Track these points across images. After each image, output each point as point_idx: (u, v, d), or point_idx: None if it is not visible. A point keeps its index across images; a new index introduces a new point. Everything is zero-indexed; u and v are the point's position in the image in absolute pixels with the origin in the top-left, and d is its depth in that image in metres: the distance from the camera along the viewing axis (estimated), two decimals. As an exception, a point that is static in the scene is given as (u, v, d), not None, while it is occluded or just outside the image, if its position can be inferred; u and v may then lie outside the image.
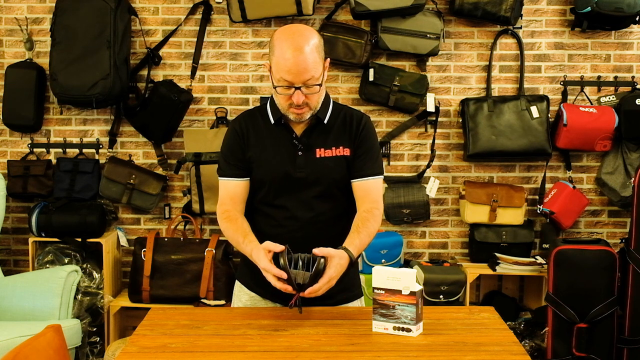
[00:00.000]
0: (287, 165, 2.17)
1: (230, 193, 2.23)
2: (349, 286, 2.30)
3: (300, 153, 2.18)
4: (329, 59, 2.16)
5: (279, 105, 2.15)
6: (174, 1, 3.89)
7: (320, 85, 2.10)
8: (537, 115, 3.78)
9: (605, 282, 3.42)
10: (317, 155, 2.18)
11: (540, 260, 3.74)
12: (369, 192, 2.22)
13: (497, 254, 3.78)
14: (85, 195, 3.83)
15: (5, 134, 3.96)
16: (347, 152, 2.20)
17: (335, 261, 1.97)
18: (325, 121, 2.20)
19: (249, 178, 2.22)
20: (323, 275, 1.95)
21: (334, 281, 1.98)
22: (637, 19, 3.71)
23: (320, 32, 3.74)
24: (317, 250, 1.97)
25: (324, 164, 2.18)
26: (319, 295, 1.99)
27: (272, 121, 2.20)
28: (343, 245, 2.06)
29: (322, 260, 1.95)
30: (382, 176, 2.28)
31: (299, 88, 2.05)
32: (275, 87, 2.08)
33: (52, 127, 3.95)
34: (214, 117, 3.91)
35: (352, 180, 2.23)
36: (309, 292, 1.95)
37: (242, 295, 2.30)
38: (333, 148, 2.19)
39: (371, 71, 3.76)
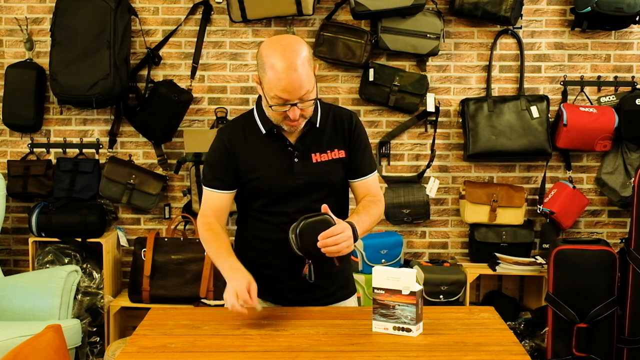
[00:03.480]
0: (285, 174, 2.15)
1: (213, 205, 2.20)
2: (345, 283, 2.32)
3: (296, 160, 2.15)
4: (316, 65, 2.12)
5: (272, 119, 2.11)
6: (174, 1, 3.89)
7: (315, 98, 2.08)
8: (537, 115, 3.78)
9: (605, 282, 3.42)
10: (314, 161, 2.17)
11: (540, 260, 3.74)
12: (369, 188, 2.24)
13: (497, 254, 3.78)
14: (85, 195, 3.83)
15: (5, 134, 3.96)
16: (342, 154, 2.20)
17: (340, 221, 1.98)
18: (317, 124, 2.18)
19: (234, 191, 2.20)
20: (333, 227, 1.94)
21: (344, 237, 1.95)
22: (637, 19, 3.71)
23: (320, 32, 3.76)
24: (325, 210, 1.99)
25: (321, 169, 2.17)
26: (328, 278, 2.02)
27: (264, 131, 2.16)
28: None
29: (326, 215, 1.96)
30: (376, 170, 2.30)
31: (294, 104, 2.02)
32: (270, 106, 2.04)
33: (52, 127, 3.95)
34: (214, 117, 3.91)
35: (351, 181, 2.24)
36: (324, 242, 1.92)
37: None
38: (328, 152, 2.18)
39: (371, 71, 3.76)
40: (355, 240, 2.02)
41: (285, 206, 2.15)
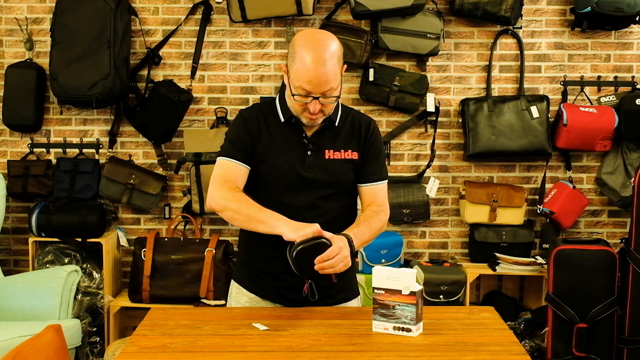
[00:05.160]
0: (296, 164, 2.16)
1: (231, 174, 2.15)
2: (348, 285, 2.32)
3: (309, 153, 2.18)
4: (345, 65, 2.15)
5: (292, 109, 2.15)
6: (174, 1, 3.89)
7: (338, 96, 2.10)
8: (537, 115, 3.78)
9: (605, 282, 3.42)
10: (326, 157, 2.19)
11: (540, 260, 3.74)
12: (376, 196, 2.24)
13: (497, 254, 3.78)
14: (85, 195, 3.83)
15: (5, 134, 3.96)
16: (355, 155, 2.22)
17: (336, 239, 1.98)
18: (336, 123, 2.21)
19: (249, 169, 2.19)
20: (329, 249, 1.93)
21: (340, 258, 1.95)
22: (637, 19, 3.71)
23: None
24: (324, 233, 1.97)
25: (332, 166, 2.19)
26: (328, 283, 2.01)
27: (282, 119, 2.20)
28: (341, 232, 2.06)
29: (322, 239, 1.95)
30: (387, 180, 2.30)
31: (317, 98, 2.05)
32: (293, 95, 2.08)
33: (52, 127, 3.95)
34: (214, 117, 3.91)
35: (359, 185, 2.25)
36: (320, 265, 1.92)
37: (240, 297, 2.30)
38: (342, 151, 2.21)
39: (371, 71, 3.76)
40: (352, 252, 2.02)
41: (292, 199, 2.14)
